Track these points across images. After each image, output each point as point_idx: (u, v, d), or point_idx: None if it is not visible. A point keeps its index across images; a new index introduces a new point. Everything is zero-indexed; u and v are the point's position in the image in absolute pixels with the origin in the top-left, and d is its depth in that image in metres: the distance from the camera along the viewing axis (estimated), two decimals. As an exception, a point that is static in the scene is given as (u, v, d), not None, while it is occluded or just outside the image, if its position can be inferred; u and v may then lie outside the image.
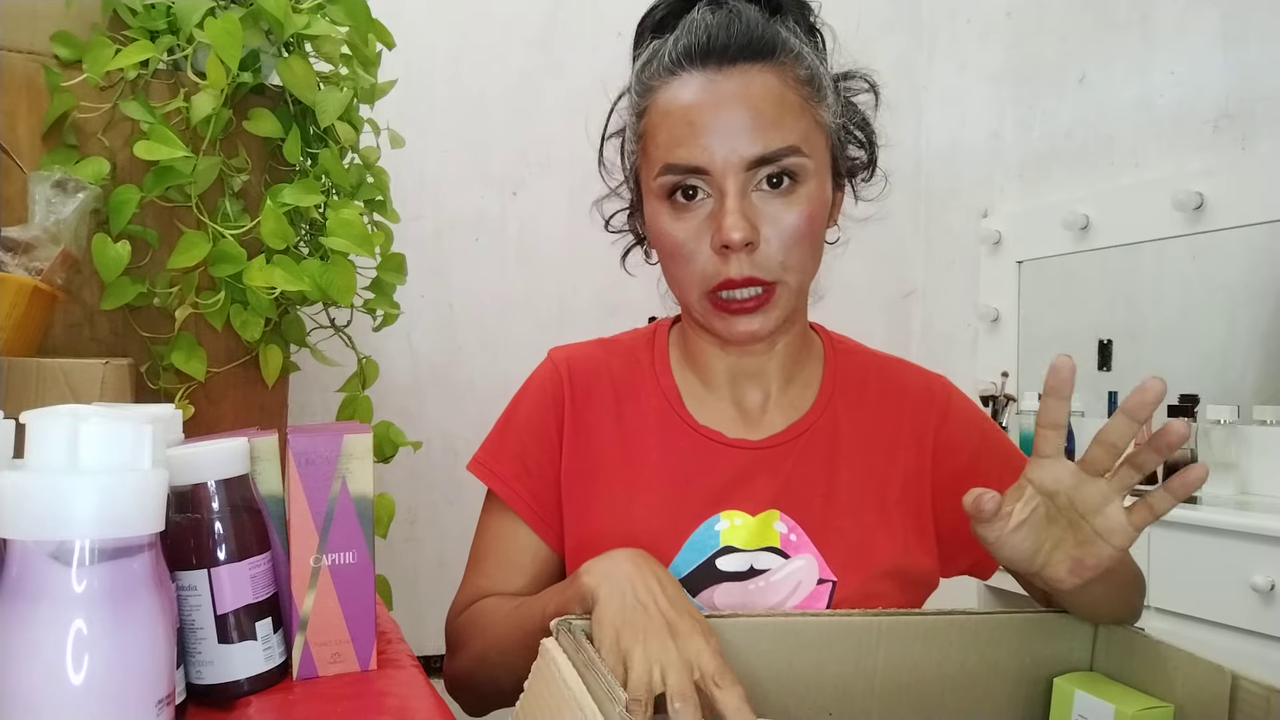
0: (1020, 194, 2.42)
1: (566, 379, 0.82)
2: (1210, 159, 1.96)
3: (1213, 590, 1.49)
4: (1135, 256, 2.12)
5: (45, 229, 0.89)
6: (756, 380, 0.81)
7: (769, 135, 0.69)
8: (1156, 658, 0.64)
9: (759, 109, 0.69)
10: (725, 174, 0.69)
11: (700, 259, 0.71)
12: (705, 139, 0.69)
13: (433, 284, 2.07)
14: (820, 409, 0.81)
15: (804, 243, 0.72)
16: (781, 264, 0.71)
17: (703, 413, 0.81)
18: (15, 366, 0.77)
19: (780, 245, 0.70)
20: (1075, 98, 2.27)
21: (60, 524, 0.38)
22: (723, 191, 0.69)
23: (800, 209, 0.71)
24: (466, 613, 0.80)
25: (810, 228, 0.72)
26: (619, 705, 0.46)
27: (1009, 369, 2.37)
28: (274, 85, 1.12)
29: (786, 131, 0.70)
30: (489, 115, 2.14)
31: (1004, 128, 2.46)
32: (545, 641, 0.56)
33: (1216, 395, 1.88)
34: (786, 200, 0.71)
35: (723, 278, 0.70)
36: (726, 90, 0.70)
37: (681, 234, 0.72)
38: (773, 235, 0.70)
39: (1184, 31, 2.03)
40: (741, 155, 0.69)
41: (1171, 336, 2.07)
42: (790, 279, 0.72)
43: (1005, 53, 2.47)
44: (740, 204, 0.69)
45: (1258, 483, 1.81)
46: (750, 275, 0.70)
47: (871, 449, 0.80)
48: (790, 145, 0.69)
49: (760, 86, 0.70)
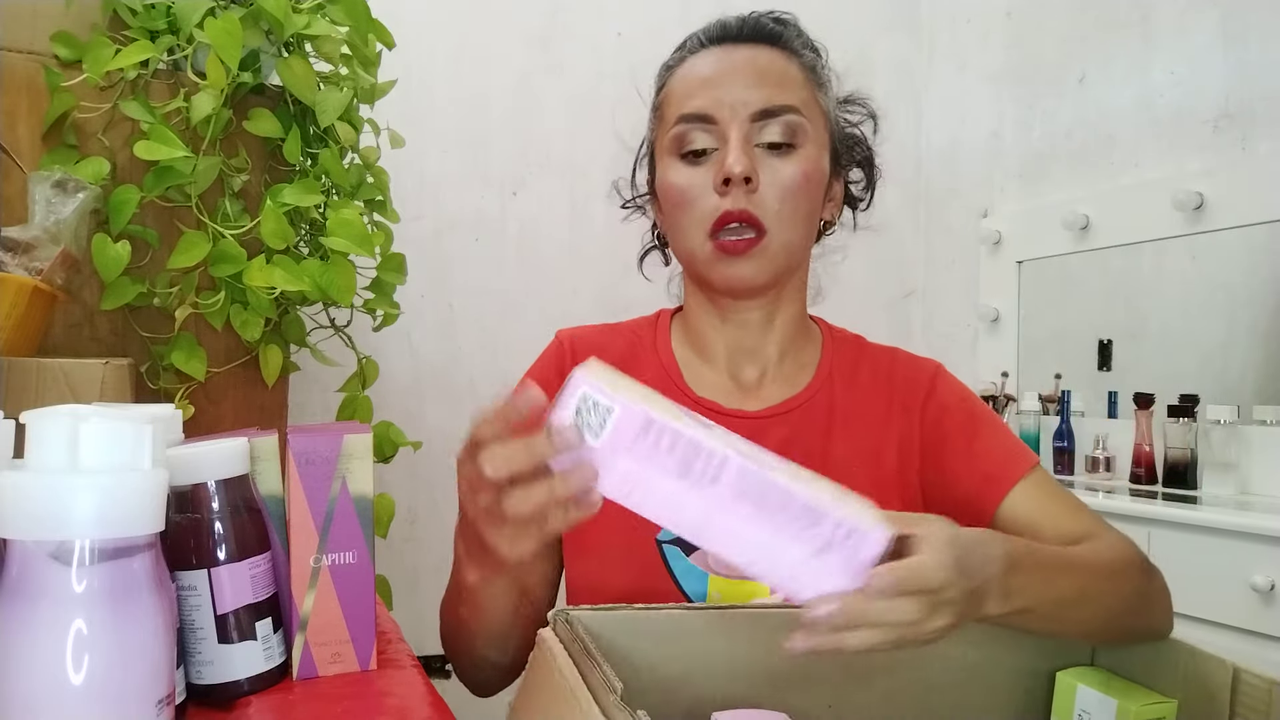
0: (1020, 194, 2.42)
1: (569, 353, 0.86)
2: (1210, 159, 1.96)
3: (1213, 590, 1.49)
4: (1135, 256, 2.12)
5: (45, 229, 0.89)
6: (753, 356, 0.84)
7: (773, 92, 0.77)
8: (1158, 652, 0.64)
9: (766, 72, 0.78)
10: (731, 122, 0.76)
11: (703, 201, 0.77)
12: (715, 91, 0.77)
13: (433, 284, 2.07)
14: (816, 387, 0.84)
15: (799, 197, 0.77)
16: (776, 212, 0.76)
17: (700, 385, 0.84)
18: (15, 366, 0.77)
19: (777, 193, 0.76)
20: (1075, 98, 2.27)
21: (60, 524, 0.38)
22: (727, 139, 0.76)
23: (797, 166, 0.77)
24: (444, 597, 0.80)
25: (806, 186, 0.78)
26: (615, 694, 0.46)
27: (1009, 369, 2.37)
28: (274, 85, 1.12)
29: (788, 94, 0.78)
30: (489, 115, 2.14)
31: (1004, 128, 2.46)
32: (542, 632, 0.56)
33: (1216, 395, 1.88)
34: (785, 158, 0.77)
35: (721, 211, 0.76)
36: (738, 57, 0.79)
37: (687, 181, 0.78)
38: (772, 183, 0.76)
39: (1184, 31, 2.03)
40: (748, 105, 0.76)
41: (1171, 336, 2.07)
42: (782, 231, 0.77)
43: (1005, 53, 2.47)
44: (744, 147, 0.76)
45: (1258, 483, 1.81)
46: (745, 209, 0.75)
47: (866, 424, 0.82)
48: (791, 104, 0.77)
49: (768, 57, 0.79)
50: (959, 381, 0.87)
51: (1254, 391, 1.87)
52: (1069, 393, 2.14)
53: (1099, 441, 2.04)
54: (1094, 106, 2.22)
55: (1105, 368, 2.18)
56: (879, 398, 0.84)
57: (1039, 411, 2.18)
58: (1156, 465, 1.91)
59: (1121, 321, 2.17)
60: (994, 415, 0.85)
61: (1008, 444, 0.80)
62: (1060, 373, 2.22)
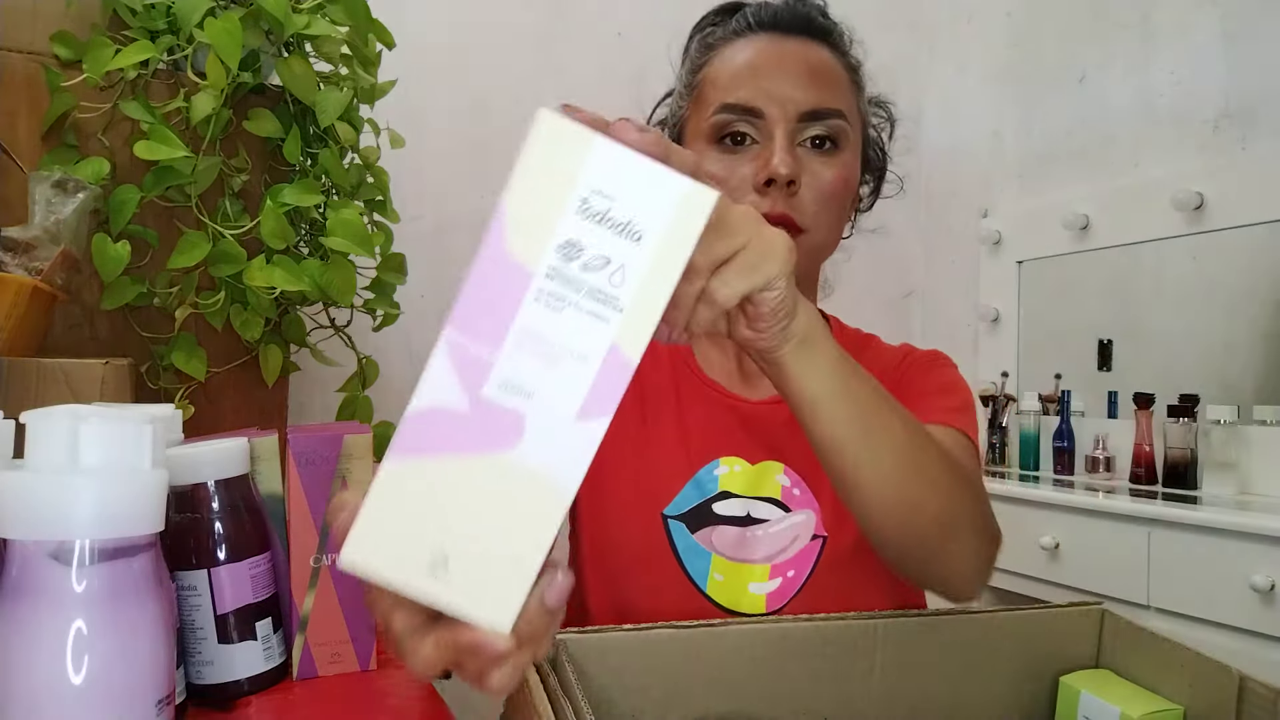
0: (1020, 194, 2.42)
1: None
2: (1210, 159, 1.96)
3: (1213, 590, 1.49)
4: (1135, 256, 2.12)
5: (45, 229, 0.89)
6: None
7: (823, 94, 0.75)
8: (1163, 656, 0.64)
9: (817, 71, 0.76)
10: (778, 120, 0.74)
11: (740, 195, 0.75)
12: (765, 83, 0.75)
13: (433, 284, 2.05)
14: None
15: (835, 201, 0.77)
16: (814, 214, 0.76)
17: (709, 368, 0.86)
18: (15, 366, 0.77)
19: (816, 196, 0.75)
20: (1075, 98, 2.27)
21: (60, 524, 0.38)
22: (772, 135, 0.74)
23: (839, 170, 0.76)
24: None
25: (845, 190, 0.77)
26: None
27: (1009, 369, 2.37)
28: (274, 85, 1.12)
29: (837, 96, 0.77)
30: (489, 115, 2.14)
31: (1004, 128, 2.46)
32: None
33: (1216, 395, 1.88)
34: (827, 159, 0.76)
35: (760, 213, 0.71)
36: (789, 49, 0.77)
37: (724, 172, 0.76)
38: (811, 185, 0.75)
39: (1184, 31, 2.03)
40: (797, 104, 0.74)
41: (1171, 336, 2.06)
42: (818, 233, 0.76)
43: (1005, 53, 2.47)
44: (789, 146, 0.74)
45: (1258, 483, 1.80)
46: (785, 213, 0.74)
47: None
48: (839, 109, 0.76)
49: (818, 55, 0.78)
50: (949, 362, 0.86)
51: (1254, 391, 1.87)
52: (1069, 393, 2.14)
53: (1099, 441, 2.04)
54: (1094, 106, 2.22)
55: (1105, 368, 2.18)
56: None
57: (1039, 411, 2.18)
58: (1156, 465, 1.91)
59: (1121, 321, 2.17)
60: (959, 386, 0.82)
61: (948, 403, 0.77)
62: (1060, 373, 2.22)
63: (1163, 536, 1.58)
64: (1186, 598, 1.54)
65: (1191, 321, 2.02)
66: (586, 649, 0.57)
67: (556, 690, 0.51)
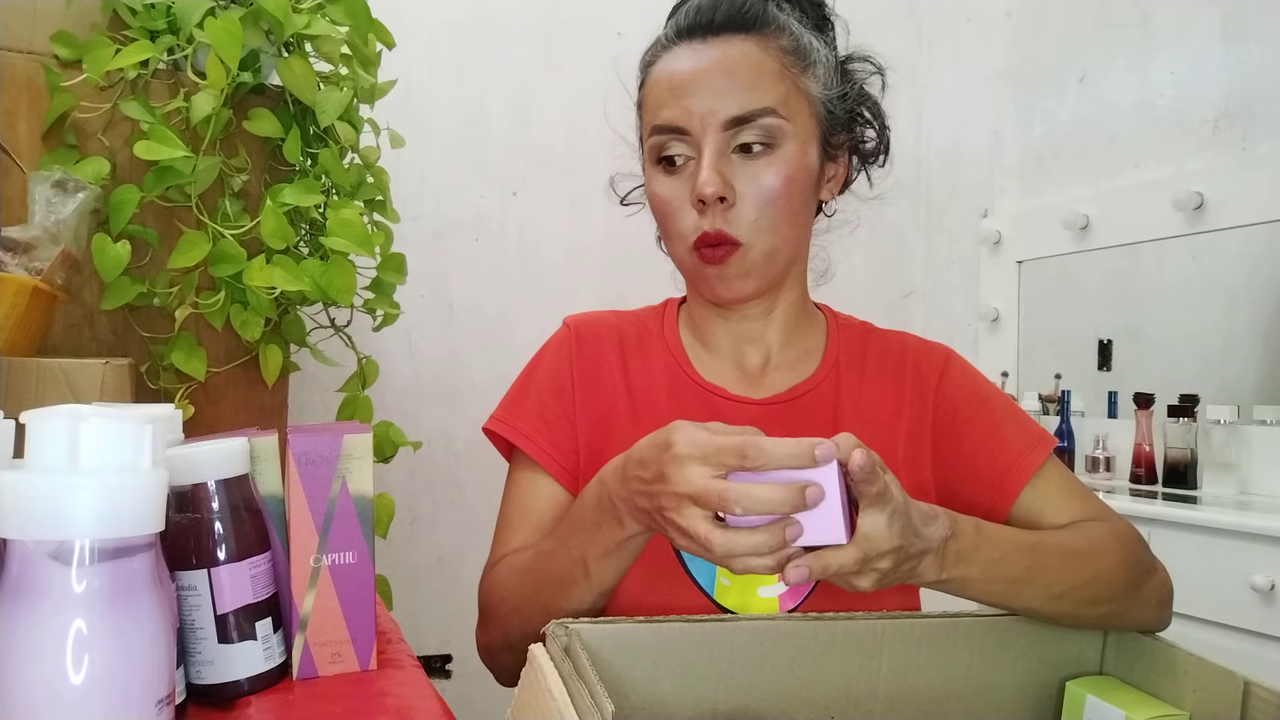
0: (1020, 194, 2.42)
1: (575, 336, 0.86)
2: (1210, 159, 1.96)
3: (1213, 590, 1.49)
4: (1135, 256, 2.12)
5: (45, 229, 0.89)
6: (756, 344, 0.84)
7: (744, 97, 0.73)
8: (1167, 662, 0.64)
9: (734, 73, 0.74)
10: (704, 133, 0.73)
11: (684, 216, 0.76)
12: (685, 100, 0.74)
13: (433, 284, 2.07)
14: (823, 375, 0.84)
15: (779, 203, 0.75)
16: (754, 223, 0.74)
17: (707, 371, 0.85)
18: (15, 366, 0.77)
19: (754, 204, 0.74)
20: (1075, 98, 2.27)
21: (60, 524, 0.38)
22: (701, 150, 0.74)
23: (776, 170, 0.74)
24: (492, 573, 0.79)
25: (787, 189, 0.75)
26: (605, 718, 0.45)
27: (1009, 369, 2.38)
28: (274, 85, 1.12)
29: (762, 94, 0.73)
30: (489, 115, 2.14)
31: (1004, 128, 2.46)
32: (533, 648, 0.55)
33: (1216, 395, 1.88)
34: (764, 162, 0.74)
35: (700, 232, 0.75)
36: (707, 57, 0.75)
37: (668, 193, 0.77)
38: (748, 193, 0.74)
39: (1184, 31, 2.03)
40: (717, 115, 0.73)
41: (1171, 336, 2.06)
42: (761, 241, 0.75)
43: (1005, 53, 2.47)
44: (716, 161, 0.73)
45: (1258, 483, 1.81)
46: (721, 230, 0.74)
47: (875, 412, 0.82)
48: (765, 106, 0.73)
49: (738, 53, 0.74)
50: (970, 366, 0.86)
51: (1254, 391, 1.87)
52: (1069, 393, 2.14)
53: (1099, 441, 2.04)
54: (1094, 106, 2.22)
55: (1105, 368, 2.18)
56: (888, 385, 0.83)
57: (1039, 411, 2.18)
58: (1156, 465, 1.91)
59: (1121, 321, 2.17)
60: (1007, 399, 0.84)
61: (1024, 430, 0.80)
62: (1060, 373, 2.22)
63: (1163, 536, 1.58)
64: (1187, 598, 1.52)
65: (1191, 321, 2.02)
66: (600, 640, 0.58)
67: (571, 675, 0.51)
